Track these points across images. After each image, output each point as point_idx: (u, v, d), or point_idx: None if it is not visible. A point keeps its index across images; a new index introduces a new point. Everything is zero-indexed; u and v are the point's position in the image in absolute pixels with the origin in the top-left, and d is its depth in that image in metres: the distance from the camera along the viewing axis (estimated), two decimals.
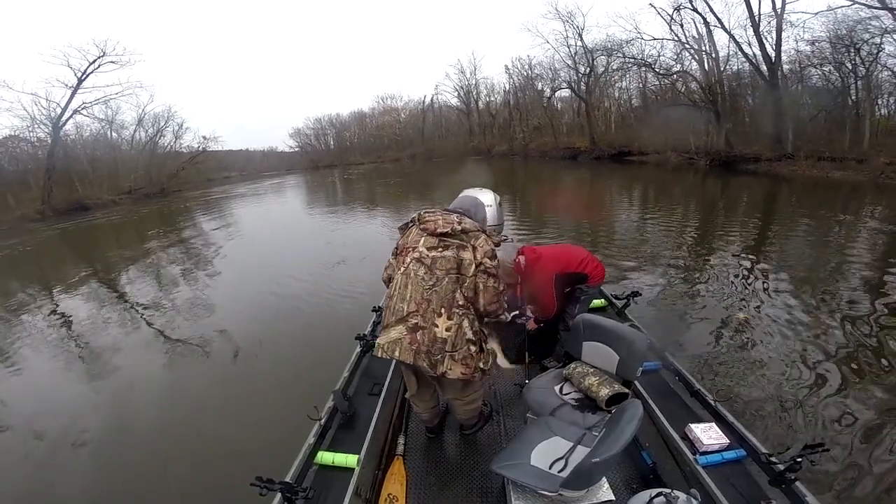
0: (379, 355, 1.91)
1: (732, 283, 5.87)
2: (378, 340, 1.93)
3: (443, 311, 1.85)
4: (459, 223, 1.93)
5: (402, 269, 1.93)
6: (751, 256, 7.05)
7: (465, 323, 1.88)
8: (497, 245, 2.02)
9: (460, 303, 1.88)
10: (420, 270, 1.88)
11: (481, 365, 1.94)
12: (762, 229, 9.16)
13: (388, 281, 2.06)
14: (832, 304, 4.99)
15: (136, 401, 4.07)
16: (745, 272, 6.32)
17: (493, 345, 2.83)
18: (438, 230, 1.91)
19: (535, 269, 2.78)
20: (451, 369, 1.86)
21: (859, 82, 18.11)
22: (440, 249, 1.90)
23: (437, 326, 1.84)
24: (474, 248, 1.91)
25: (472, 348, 1.90)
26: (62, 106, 25.99)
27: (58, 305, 7.59)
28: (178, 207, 23.47)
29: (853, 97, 18.57)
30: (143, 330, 5.88)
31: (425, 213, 2.01)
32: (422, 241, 1.93)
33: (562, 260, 2.84)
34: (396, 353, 1.85)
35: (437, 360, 1.84)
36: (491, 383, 2.88)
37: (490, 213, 2.90)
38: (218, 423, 3.52)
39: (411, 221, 2.08)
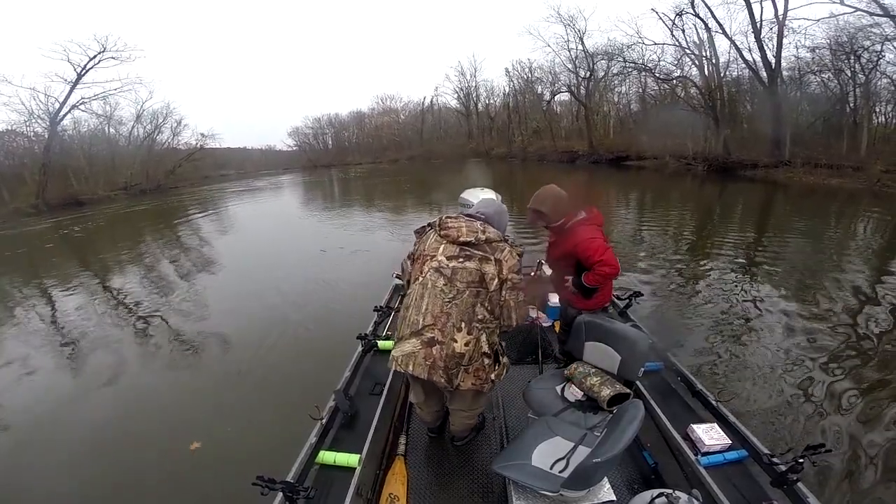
0: (393, 368, 1.88)
1: (732, 284, 5.90)
2: (393, 353, 1.88)
3: (462, 325, 1.77)
4: (483, 232, 1.83)
5: (420, 278, 1.84)
6: (749, 259, 7.10)
7: (483, 337, 1.82)
8: (521, 255, 1.90)
9: (479, 317, 1.80)
10: (439, 281, 1.79)
11: (493, 377, 1.88)
12: (760, 234, 9.21)
13: (406, 284, 2.00)
14: (831, 306, 5.03)
15: (134, 400, 4.03)
16: (744, 274, 6.36)
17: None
18: (461, 238, 1.81)
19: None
20: (463, 381, 1.82)
21: (858, 90, 18.28)
22: (461, 260, 1.80)
23: (455, 342, 1.76)
24: (498, 262, 1.80)
25: (486, 361, 1.85)
26: (60, 101, 25.84)
27: (50, 302, 7.50)
28: (174, 204, 23.34)
29: (851, 104, 18.73)
30: (140, 330, 5.80)
31: (447, 218, 1.90)
32: (441, 249, 1.83)
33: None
34: (410, 368, 1.80)
35: (453, 373, 1.79)
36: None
37: None
38: (218, 422, 3.48)
39: (429, 225, 1.99)
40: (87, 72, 26.00)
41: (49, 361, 5.06)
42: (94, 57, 25.83)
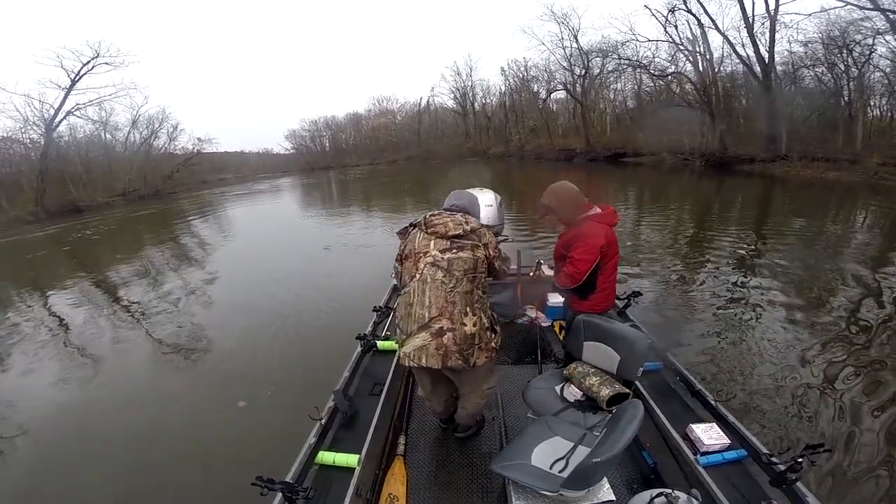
0: (406, 364, 1.93)
1: (732, 282, 5.89)
2: (403, 350, 1.93)
3: (468, 310, 1.90)
4: (467, 223, 1.96)
5: (418, 275, 1.92)
6: (749, 256, 7.10)
7: (483, 315, 1.96)
8: (497, 234, 2.08)
9: (476, 298, 1.94)
10: (438, 274, 1.89)
11: (493, 345, 2.00)
12: (758, 229, 9.22)
13: (402, 286, 2.06)
14: (831, 303, 5.01)
15: (135, 402, 4.03)
16: (744, 272, 6.36)
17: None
18: (450, 233, 1.92)
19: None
20: (478, 359, 1.93)
21: (852, 83, 18.30)
22: (454, 251, 1.91)
23: (465, 325, 1.88)
24: (486, 246, 1.97)
25: (489, 334, 1.98)
26: (55, 107, 25.89)
27: (50, 308, 7.49)
28: (177, 208, 23.38)
29: (846, 98, 18.76)
30: (138, 333, 5.80)
31: (431, 216, 2.00)
32: (432, 245, 1.94)
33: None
34: (423, 361, 1.88)
35: (468, 353, 1.89)
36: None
37: (490, 212, 2.89)
38: (218, 423, 3.50)
39: (411, 225, 2.08)
40: (80, 78, 26.13)
41: (51, 367, 5.07)
42: (88, 63, 25.99)
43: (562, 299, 3.12)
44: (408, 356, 1.91)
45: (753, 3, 19.66)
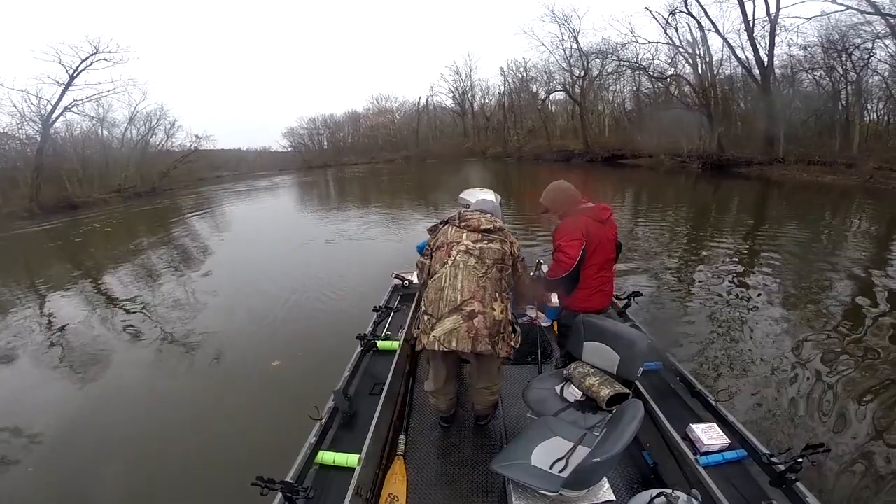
0: (436, 349, 1.97)
1: (730, 283, 5.92)
2: (433, 334, 1.97)
3: (497, 296, 2.03)
4: (495, 222, 2.17)
5: (450, 261, 2.06)
6: (747, 257, 7.13)
7: (508, 306, 2.09)
8: None
9: (503, 288, 2.09)
10: (470, 261, 2.05)
11: (512, 343, 2.09)
12: (756, 231, 9.25)
13: (427, 276, 2.17)
14: (830, 303, 5.04)
15: (134, 403, 3.99)
16: (742, 273, 6.38)
17: None
18: (482, 226, 2.12)
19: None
20: (501, 349, 2.02)
21: (850, 87, 18.39)
22: (486, 242, 2.10)
23: (495, 310, 1.99)
24: (511, 244, 2.17)
25: (509, 328, 2.08)
26: (53, 103, 25.66)
27: (45, 306, 7.43)
28: (176, 205, 23.33)
29: (843, 102, 18.85)
30: (136, 332, 5.73)
31: (465, 212, 2.22)
32: (465, 237, 2.11)
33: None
34: (454, 344, 1.93)
35: (496, 341, 1.99)
36: None
37: None
38: (218, 423, 3.47)
39: (442, 222, 2.26)
40: (79, 73, 25.88)
41: (45, 365, 5.03)
42: (87, 59, 25.70)
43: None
44: (437, 340, 1.95)
45: (754, 7, 19.74)
